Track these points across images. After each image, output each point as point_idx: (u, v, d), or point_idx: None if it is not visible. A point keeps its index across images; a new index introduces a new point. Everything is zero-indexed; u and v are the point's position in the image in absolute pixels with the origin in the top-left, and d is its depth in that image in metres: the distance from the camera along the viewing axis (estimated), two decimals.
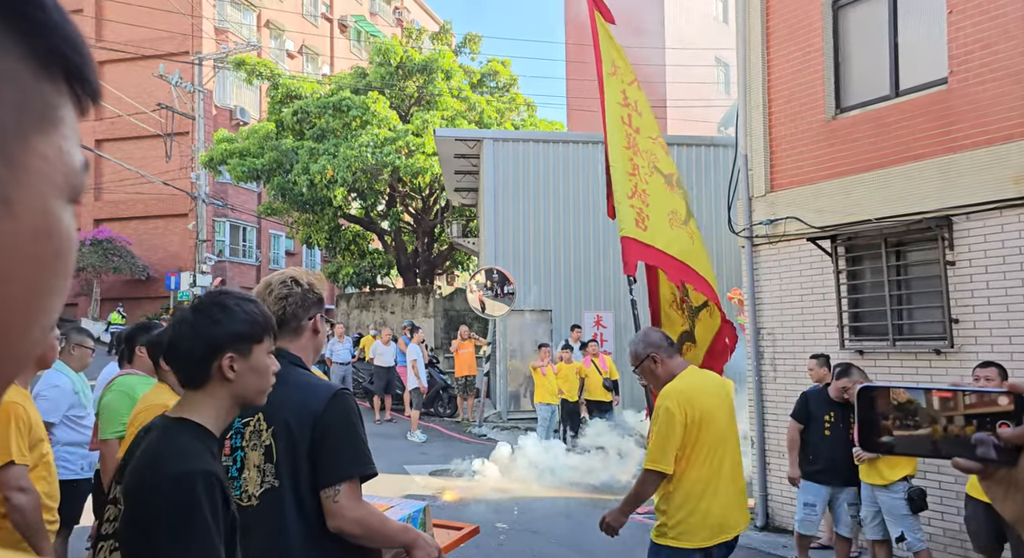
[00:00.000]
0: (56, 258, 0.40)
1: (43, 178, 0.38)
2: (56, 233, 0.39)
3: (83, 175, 0.42)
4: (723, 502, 3.25)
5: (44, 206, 0.38)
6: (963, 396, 0.84)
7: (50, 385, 4.43)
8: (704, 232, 14.43)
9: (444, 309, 18.82)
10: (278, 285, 2.06)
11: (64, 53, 0.39)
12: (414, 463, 9.37)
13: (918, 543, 4.96)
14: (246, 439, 1.93)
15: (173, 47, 25.80)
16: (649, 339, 3.38)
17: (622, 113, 3.81)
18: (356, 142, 17.93)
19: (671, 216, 3.70)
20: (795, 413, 5.65)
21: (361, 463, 1.92)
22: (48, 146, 0.39)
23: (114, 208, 27.33)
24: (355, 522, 1.88)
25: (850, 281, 6.89)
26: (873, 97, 6.85)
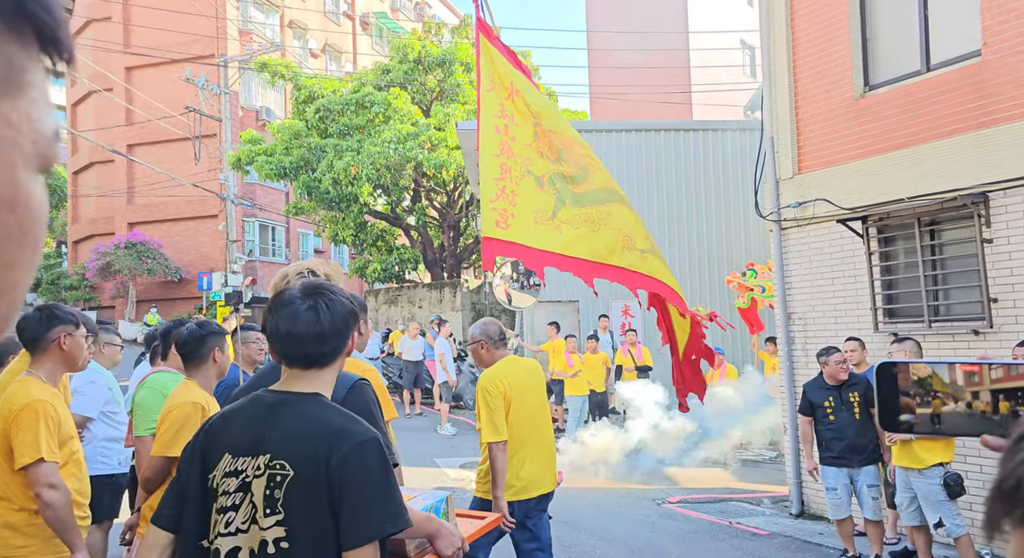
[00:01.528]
0: (21, 231, 0.37)
1: (9, 145, 0.36)
2: (23, 204, 0.37)
3: (54, 143, 0.39)
4: (533, 466, 3.89)
5: (10, 176, 0.36)
6: (990, 370, 0.79)
7: (87, 381, 4.56)
8: (733, 217, 14.21)
9: (471, 302, 18.85)
10: (295, 276, 2.05)
11: (33, 12, 0.36)
12: (445, 456, 9.40)
13: (958, 529, 4.83)
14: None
15: (199, 50, 26.13)
16: (486, 329, 4.02)
17: (497, 123, 4.17)
18: (379, 138, 17.99)
19: (537, 214, 4.08)
20: (800, 408, 5.74)
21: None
22: (14, 111, 0.36)
23: (147, 211, 27.84)
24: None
25: (883, 262, 6.72)
26: (903, 73, 6.66)
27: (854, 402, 5.41)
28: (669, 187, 13.96)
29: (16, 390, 2.74)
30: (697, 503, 7.54)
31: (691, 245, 13.92)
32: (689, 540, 6.15)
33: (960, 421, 0.80)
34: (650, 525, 6.60)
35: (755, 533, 6.47)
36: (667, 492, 8.02)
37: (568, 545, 5.86)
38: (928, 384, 0.81)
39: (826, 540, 6.18)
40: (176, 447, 2.94)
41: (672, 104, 25.09)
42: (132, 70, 27.44)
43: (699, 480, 8.79)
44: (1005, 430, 0.76)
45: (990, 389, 0.78)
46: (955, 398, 0.80)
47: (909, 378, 0.82)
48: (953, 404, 0.80)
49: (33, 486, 2.65)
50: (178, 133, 24.74)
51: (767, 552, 5.89)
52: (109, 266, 25.07)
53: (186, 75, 23.19)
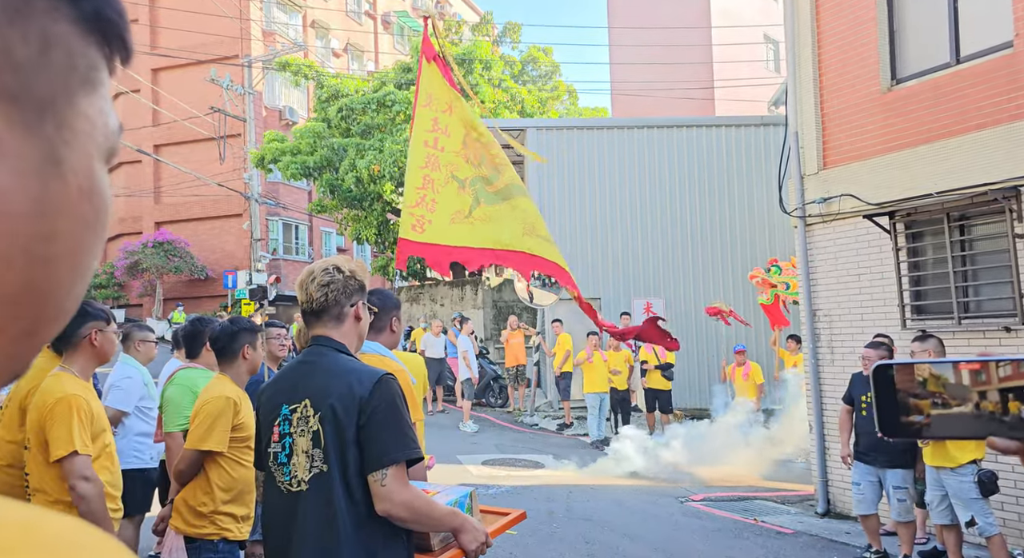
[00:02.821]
0: (97, 218, 0.41)
1: (88, 139, 0.39)
2: (98, 193, 0.40)
3: (118, 136, 0.43)
4: None
5: (88, 166, 0.39)
6: (996, 368, 0.75)
7: (124, 376, 4.66)
8: (756, 214, 14.09)
9: (493, 300, 18.87)
10: (320, 272, 2.07)
11: (108, 16, 0.40)
12: (467, 453, 9.44)
13: (990, 528, 4.75)
14: (294, 425, 1.96)
15: (223, 51, 26.43)
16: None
17: (427, 138, 4.58)
18: (400, 136, 18.08)
19: (455, 214, 4.47)
20: (844, 396, 5.80)
21: (408, 447, 1.93)
22: (91, 107, 0.39)
23: (173, 211, 28.23)
24: (402, 505, 1.88)
25: (910, 258, 6.62)
26: (932, 66, 6.55)
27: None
28: (692, 184, 13.86)
29: (50, 385, 2.80)
30: (721, 501, 7.49)
31: (714, 242, 13.82)
32: (713, 538, 6.11)
33: (966, 423, 0.76)
34: (673, 523, 6.57)
35: (780, 531, 6.41)
36: (690, 490, 7.98)
37: (591, 542, 5.86)
38: (930, 385, 0.78)
39: (853, 539, 6.11)
40: (210, 441, 2.98)
41: (694, 100, 24.90)
42: (158, 71, 27.83)
43: (723, 478, 8.73)
44: (1016, 432, 0.74)
45: (998, 388, 0.75)
46: (960, 399, 0.76)
47: (909, 380, 0.79)
48: (958, 405, 0.77)
49: (67, 478, 2.71)
50: (203, 133, 25.05)
51: (792, 551, 5.84)
52: (137, 265, 25.47)
53: (211, 76, 23.46)
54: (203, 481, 3.06)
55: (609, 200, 13.93)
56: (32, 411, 2.79)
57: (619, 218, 13.88)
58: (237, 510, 3.12)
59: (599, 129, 14.47)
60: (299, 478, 1.93)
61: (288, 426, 1.97)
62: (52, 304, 0.39)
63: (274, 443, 2.00)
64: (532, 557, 5.45)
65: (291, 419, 1.97)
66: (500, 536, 6.00)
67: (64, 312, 0.40)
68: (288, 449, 1.96)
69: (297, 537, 1.89)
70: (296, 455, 1.94)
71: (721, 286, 13.55)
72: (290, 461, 1.95)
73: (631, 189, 13.91)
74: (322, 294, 2.05)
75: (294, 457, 1.94)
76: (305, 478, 1.92)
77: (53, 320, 0.39)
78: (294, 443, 1.95)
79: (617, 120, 17.90)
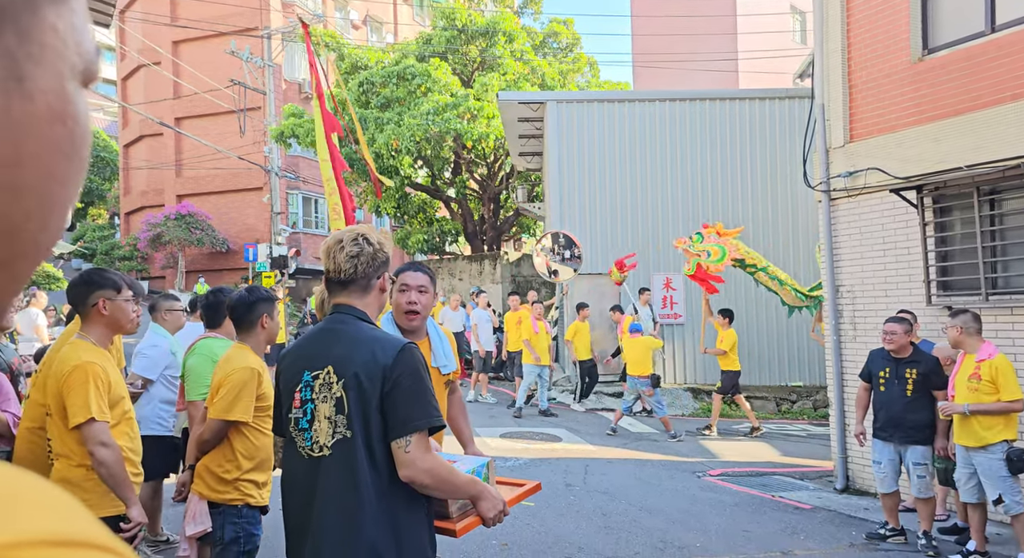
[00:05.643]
0: (73, 144, 0.37)
1: (58, 56, 0.35)
2: (73, 116, 0.37)
3: (97, 57, 0.39)
4: None
5: (60, 86, 0.36)
6: None
7: (150, 345, 4.73)
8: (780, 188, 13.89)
9: (511, 275, 18.85)
10: (349, 243, 2.06)
11: None
12: (485, 426, 9.49)
13: (1017, 506, 4.69)
14: (316, 391, 1.97)
15: (243, 23, 26.34)
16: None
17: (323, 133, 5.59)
18: (419, 110, 17.96)
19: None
20: (861, 373, 5.75)
21: (431, 415, 1.94)
22: (60, 20, 0.35)
23: (195, 184, 28.41)
24: (425, 472, 1.90)
25: (937, 233, 6.48)
26: (966, 35, 6.34)
27: (909, 378, 5.28)
28: (714, 158, 13.65)
29: (67, 353, 2.82)
30: (739, 476, 7.48)
31: (736, 217, 13.63)
32: (730, 512, 6.11)
33: None
34: (690, 497, 6.57)
35: (798, 507, 6.40)
36: (707, 465, 7.97)
37: (607, 514, 5.88)
38: None
39: (871, 515, 6.08)
40: (235, 411, 3.01)
41: (718, 72, 24.44)
42: (179, 44, 27.84)
43: (740, 453, 8.72)
44: None
45: None
46: None
47: None
48: None
49: (86, 444, 2.75)
50: (224, 106, 25.08)
51: (810, 526, 5.82)
52: (159, 237, 25.73)
53: (231, 48, 23.42)
54: (227, 449, 3.10)
55: (630, 174, 13.77)
56: (51, 379, 2.82)
57: (640, 193, 13.73)
58: (259, 477, 3.17)
59: (620, 102, 14.26)
60: (321, 443, 1.94)
61: (310, 392, 1.98)
62: (23, 238, 0.35)
63: (295, 409, 2.01)
64: (549, 528, 5.48)
65: (313, 385, 1.98)
66: (518, 507, 6.06)
67: (39, 247, 0.37)
68: (310, 415, 1.97)
69: (319, 501, 1.91)
70: (318, 421, 1.95)
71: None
72: (311, 427, 1.96)
73: (652, 163, 13.73)
74: (351, 265, 2.06)
75: (316, 423, 1.95)
76: (328, 443, 1.93)
77: (25, 256, 0.36)
78: (316, 409, 1.96)
79: (639, 93, 17.63)
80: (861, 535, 5.55)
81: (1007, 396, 4.69)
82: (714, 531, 5.58)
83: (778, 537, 5.50)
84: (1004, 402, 4.69)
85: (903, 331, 5.36)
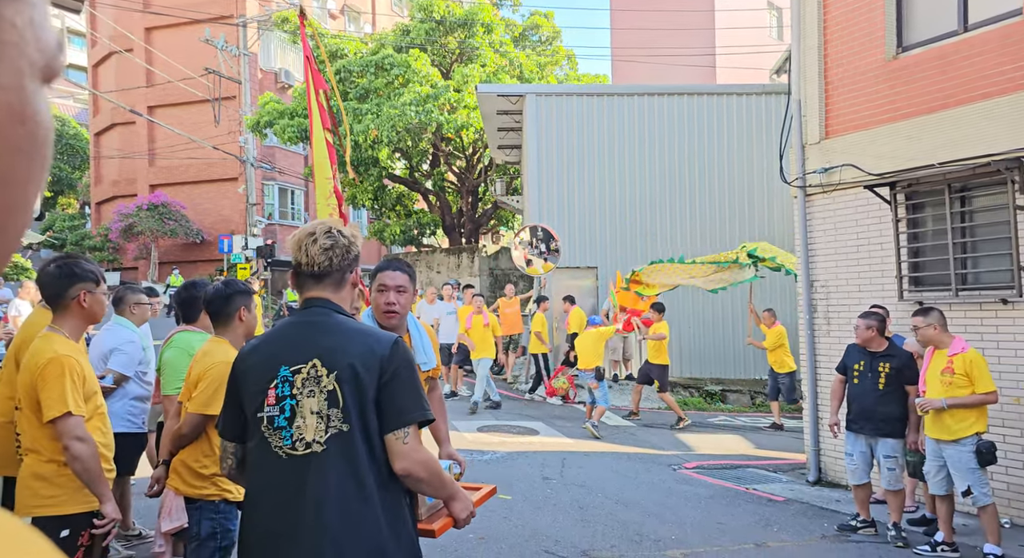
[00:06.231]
0: (34, 144, 0.35)
1: (16, 52, 0.34)
2: (33, 116, 0.35)
3: (59, 53, 0.37)
4: None
5: (19, 84, 0.34)
6: None
7: (126, 340, 4.62)
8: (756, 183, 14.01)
9: (489, 268, 18.85)
10: (323, 235, 2.02)
11: None
12: (462, 419, 9.49)
13: (984, 498, 4.80)
14: (297, 387, 1.91)
15: (218, 10, 25.94)
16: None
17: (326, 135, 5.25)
18: (399, 100, 17.84)
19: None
20: (838, 365, 5.84)
21: (424, 408, 1.94)
22: (18, 15, 0.34)
23: (168, 173, 27.98)
24: (421, 464, 1.90)
25: (910, 229, 6.59)
26: (939, 33, 6.43)
27: (882, 372, 5.38)
28: (692, 153, 13.74)
29: (40, 346, 2.77)
30: (714, 469, 7.57)
31: (713, 211, 13.75)
32: (706, 505, 6.18)
33: None
34: (666, 489, 6.64)
35: (771, 499, 6.49)
36: (683, 458, 8.06)
37: (584, 507, 5.92)
38: None
39: (843, 507, 6.19)
40: (215, 406, 2.97)
41: (696, 68, 24.57)
42: (152, 31, 27.34)
43: (715, 446, 8.82)
44: None
45: None
46: None
47: None
48: None
49: (61, 439, 2.70)
50: (198, 95, 24.70)
51: (783, 518, 5.91)
52: (132, 227, 25.33)
53: (205, 36, 23.05)
54: (204, 444, 3.06)
55: (608, 168, 13.81)
56: (23, 372, 2.76)
57: (618, 186, 13.78)
58: None
59: (599, 96, 14.28)
60: (309, 440, 1.87)
61: (289, 388, 1.92)
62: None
63: (268, 407, 1.93)
64: (527, 522, 5.51)
65: (293, 381, 1.92)
66: (495, 500, 6.05)
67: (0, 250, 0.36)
68: (289, 411, 1.90)
69: (311, 500, 1.83)
70: (301, 417, 1.89)
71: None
72: (292, 424, 1.89)
73: (630, 157, 13.78)
74: (326, 258, 2.01)
75: (298, 419, 1.89)
76: (320, 439, 1.87)
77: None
78: (298, 405, 1.90)
79: (618, 87, 17.66)
80: (833, 527, 5.65)
81: (981, 389, 4.80)
82: (689, 524, 5.64)
83: (752, 529, 5.58)
84: (980, 395, 4.80)
85: (865, 326, 5.48)
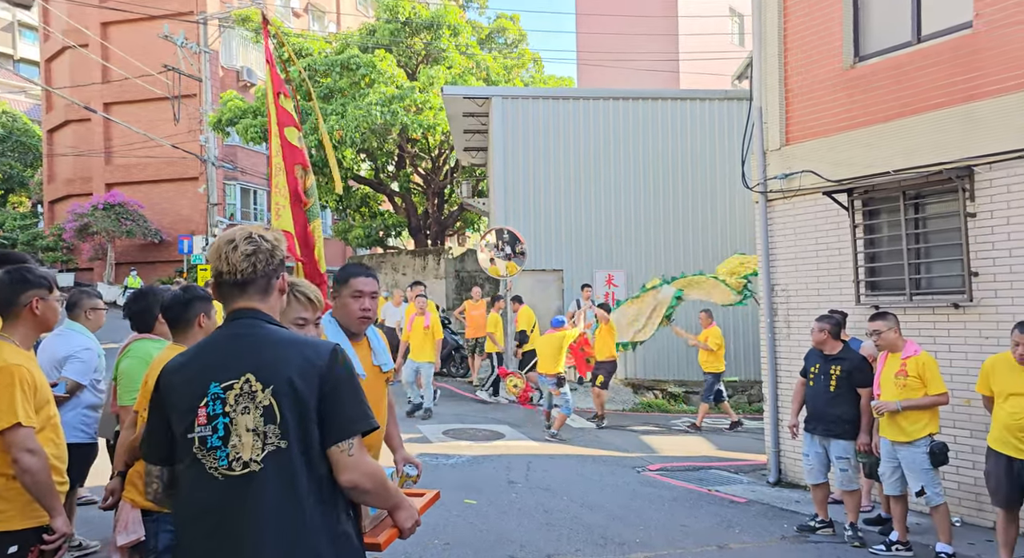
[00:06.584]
0: None
1: None
2: None
3: None
4: None
5: None
6: None
7: (83, 347, 4.47)
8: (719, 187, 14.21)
9: (455, 270, 18.80)
10: (243, 241, 1.91)
11: None
12: (427, 422, 9.45)
13: (937, 498, 4.94)
14: (230, 404, 1.81)
15: (177, 6, 25.40)
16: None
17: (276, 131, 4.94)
18: (364, 101, 17.69)
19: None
20: (802, 369, 5.97)
21: (368, 417, 1.88)
22: None
23: (125, 172, 27.30)
24: (368, 475, 1.84)
25: (867, 235, 6.75)
26: (894, 44, 6.61)
27: (833, 374, 5.52)
28: (656, 156, 13.89)
29: None
30: (677, 471, 7.65)
31: (676, 215, 13.92)
32: (669, 507, 6.25)
33: None
34: (630, 492, 6.69)
35: (733, 501, 6.58)
36: (646, 460, 8.13)
37: (549, 511, 5.93)
38: None
39: (802, 508, 6.30)
40: None
41: (660, 72, 24.85)
42: (108, 26, 26.66)
43: (678, 448, 8.92)
44: None
45: None
46: None
47: None
48: None
49: (10, 451, 2.60)
50: (157, 92, 24.17)
51: (744, 519, 6.00)
52: (87, 227, 24.64)
53: (164, 32, 22.57)
54: None
55: (573, 171, 13.89)
56: None
57: (583, 189, 13.87)
58: None
59: (564, 99, 14.36)
60: (246, 459, 1.79)
61: (221, 406, 1.82)
62: None
63: (199, 426, 1.82)
64: (492, 526, 5.50)
65: (225, 398, 1.82)
66: (460, 506, 6.03)
67: None
68: (223, 431, 1.81)
69: (249, 521, 1.77)
70: (236, 435, 1.80)
71: (682, 259, 13.69)
72: (226, 443, 1.80)
73: (596, 160, 13.88)
74: (248, 264, 1.90)
75: (233, 438, 1.80)
76: (257, 457, 1.79)
77: None
78: (232, 422, 1.80)
79: (583, 90, 17.77)
80: (792, 527, 5.76)
81: (934, 390, 4.94)
82: (653, 526, 5.69)
83: (714, 531, 5.65)
84: (932, 396, 4.94)
85: (819, 329, 5.66)
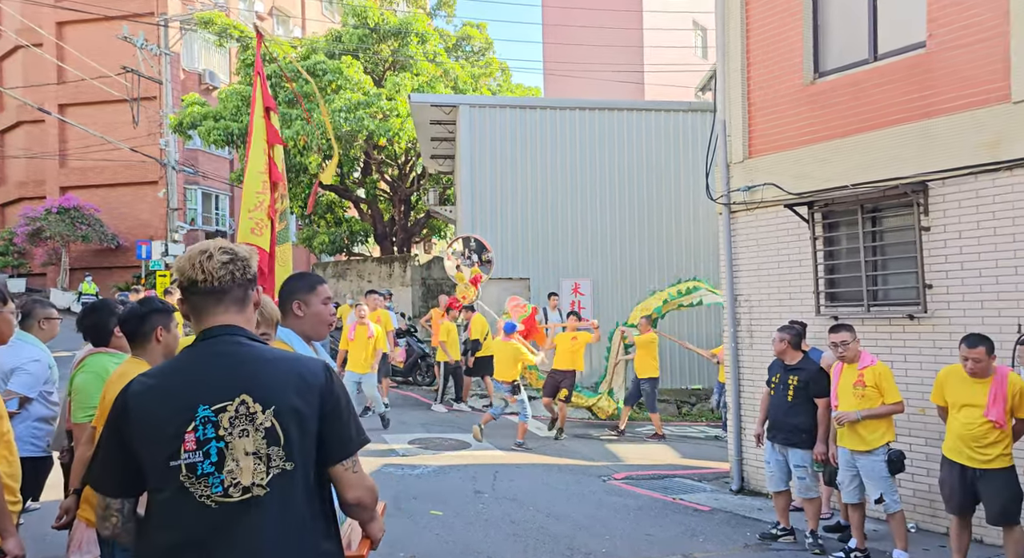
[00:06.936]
0: None
1: None
2: None
3: None
4: None
5: None
6: None
7: (31, 359, 4.30)
8: (683, 198, 14.36)
9: (422, 278, 18.71)
10: (218, 251, 1.84)
11: None
12: (393, 432, 9.36)
13: (894, 505, 5.06)
14: (224, 427, 1.73)
15: (136, 7, 24.91)
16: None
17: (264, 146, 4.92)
18: (329, 107, 17.54)
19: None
20: (768, 379, 6.04)
21: (363, 432, 1.90)
22: None
23: (81, 175, 26.60)
24: (370, 490, 1.87)
25: (826, 247, 6.90)
26: (852, 61, 6.79)
27: (791, 384, 5.62)
28: (621, 167, 14.03)
29: None
30: (642, 479, 7.70)
31: (642, 224, 14.06)
32: (634, 516, 6.28)
33: None
34: (596, 501, 6.71)
35: (697, 509, 6.65)
36: (612, 468, 8.17)
37: (516, 521, 5.92)
38: None
39: (764, 515, 6.40)
40: None
41: (625, 84, 25.14)
42: (64, 25, 26.00)
43: (643, 456, 8.98)
44: None
45: None
46: None
47: None
48: None
49: None
50: (114, 94, 23.63)
51: (708, 528, 6.07)
52: (40, 231, 23.92)
53: (123, 33, 22.11)
54: None
55: (540, 180, 13.95)
56: None
57: (549, 198, 13.93)
58: None
59: (532, 108, 14.43)
60: (246, 484, 1.71)
61: (213, 429, 1.72)
62: None
63: (187, 453, 1.71)
64: (459, 538, 5.47)
65: (217, 421, 1.72)
66: (427, 517, 5.96)
67: None
68: (216, 456, 1.71)
69: (247, 548, 1.70)
70: (233, 460, 1.71)
71: (647, 267, 13.83)
72: (220, 469, 1.71)
73: (562, 169, 13.96)
74: (226, 271, 1.81)
75: (229, 463, 1.71)
76: (261, 481, 1.71)
77: None
78: (228, 447, 1.72)
79: (550, 100, 17.89)
80: (755, 535, 5.84)
81: (890, 399, 5.07)
82: (619, 536, 5.72)
83: (679, 540, 5.70)
84: (888, 405, 5.06)
85: (779, 339, 5.78)
